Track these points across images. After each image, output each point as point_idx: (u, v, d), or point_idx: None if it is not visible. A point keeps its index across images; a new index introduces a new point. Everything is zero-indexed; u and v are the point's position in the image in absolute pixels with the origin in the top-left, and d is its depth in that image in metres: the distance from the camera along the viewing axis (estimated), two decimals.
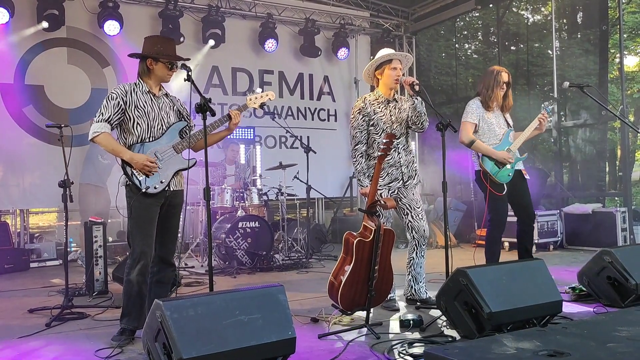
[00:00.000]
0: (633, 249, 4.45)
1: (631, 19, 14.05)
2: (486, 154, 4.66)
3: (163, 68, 3.64)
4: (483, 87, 4.79)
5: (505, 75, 4.76)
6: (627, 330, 2.76)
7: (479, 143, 4.68)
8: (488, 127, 4.74)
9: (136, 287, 3.52)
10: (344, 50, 9.67)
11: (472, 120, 4.73)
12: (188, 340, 2.55)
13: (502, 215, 4.72)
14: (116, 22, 7.65)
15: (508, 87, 4.80)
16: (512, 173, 4.70)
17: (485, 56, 14.96)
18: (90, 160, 7.04)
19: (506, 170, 4.67)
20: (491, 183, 4.63)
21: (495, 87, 4.72)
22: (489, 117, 4.75)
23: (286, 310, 2.91)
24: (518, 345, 2.53)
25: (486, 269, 3.53)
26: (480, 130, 4.74)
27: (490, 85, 4.74)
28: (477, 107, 4.76)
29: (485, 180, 4.66)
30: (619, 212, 7.30)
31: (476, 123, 4.72)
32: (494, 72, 4.78)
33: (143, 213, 3.56)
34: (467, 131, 4.71)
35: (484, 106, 4.76)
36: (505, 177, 4.67)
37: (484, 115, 4.74)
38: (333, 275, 3.86)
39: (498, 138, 4.74)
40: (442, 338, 3.46)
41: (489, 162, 4.66)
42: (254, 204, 7.14)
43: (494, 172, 4.64)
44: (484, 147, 4.68)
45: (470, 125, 4.73)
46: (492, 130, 4.74)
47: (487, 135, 4.73)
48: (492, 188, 4.61)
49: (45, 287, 5.68)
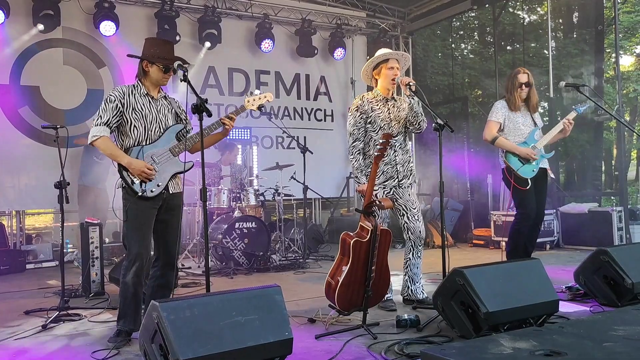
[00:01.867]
0: (629, 248, 4.46)
1: (627, 18, 14.10)
2: (510, 150, 4.84)
3: (158, 71, 3.63)
4: (506, 91, 5.00)
5: (523, 76, 4.91)
6: (623, 329, 2.77)
7: (501, 140, 4.87)
8: (514, 125, 4.92)
9: (132, 289, 3.51)
10: (341, 51, 9.67)
11: (496, 119, 4.93)
12: (185, 342, 2.55)
13: (530, 208, 4.84)
14: (112, 22, 7.63)
15: (529, 87, 4.92)
16: (536, 169, 4.85)
17: (481, 56, 15.00)
18: (87, 162, 7.03)
19: (530, 165, 4.82)
20: (515, 178, 4.79)
21: (514, 90, 4.91)
22: (515, 116, 4.93)
23: (283, 311, 2.91)
24: (515, 345, 2.53)
25: (483, 269, 3.53)
26: (506, 128, 4.93)
27: (509, 88, 4.94)
28: (502, 106, 4.96)
29: (510, 176, 4.82)
30: (615, 211, 7.32)
31: (500, 122, 4.92)
32: (512, 74, 4.99)
33: (139, 216, 3.55)
34: (490, 129, 4.92)
35: (509, 106, 4.92)
36: (530, 172, 4.82)
37: (509, 115, 4.93)
38: (330, 276, 3.86)
39: (523, 136, 4.91)
40: (439, 338, 3.46)
41: (513, 157, 4.84)
42: (251, 205, 7.13)
43: (517, 167, 4.80)
44: (507, 144, 4.86)
45: (494, 123, 4.93)
46: (518, 128, 4.91)
47: (513, 133, 4.91)
48: (516, 183, 4.77)
49: (42, 288, 5.66)
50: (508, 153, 4.85)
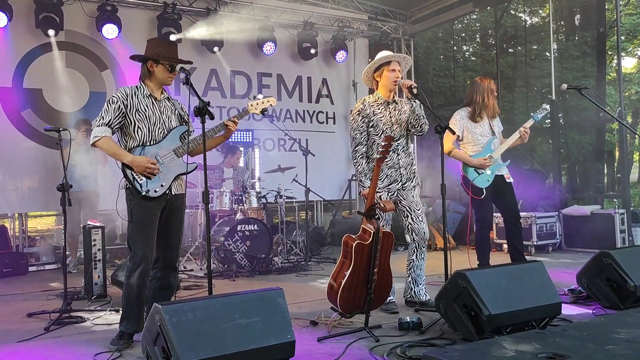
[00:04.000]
0: (632, 250, 4.46)
1: (629, 20, 14.10)
2: (464, 162, 5.04)
3: (163, 71, 3.64)
4: (478, 97, 5.07)
5: (493, 83, 5.14)
6: (626, 332, 2.77)
7: (456, 152, 5.07)
8: (472, 136, 5.08)
9: (136, 290, 3.51)
10: (342, 53, 9.68)
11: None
12: (187, 344, 2.55)
13: (486, 215, 5.13)
14: (114, 25, 7.65)
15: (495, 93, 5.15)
16: (491, 178, 5.03)
17: (483, 58, 15.00)
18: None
19: (485, 175, 5.00)
20: (472, 188, 4.99)
21: (490, 95, 5.05)
22: (474, 127, 5.08)
23: (285, 313, 2.91)
24: (517, 348, 2.53)
25: (485, 272, 3.53)
26: (465, 139, 5.11)
27: (486, 93, 5.05)
28: (460, 117, 5.11)
29: (466, 186, 5.04)
30: (618, 213, 7.30)
31: (458, 134, 5.01)
32: (484, 81, 5.11)
33: (144, 216, 3.55)
34: (447, 141, 4.98)
35: (472, 116, 5.08)
36: (484, 182, 5.01)
37: (468, 126, 5.09)
38: (332, 278, 3.86)
39: (481, 146, 5.06)
40: (441, 341, 3.45)
41: (469, 168, 5.04)
42: (253, 207, 7.13)
43: (473, 177, 5.01)
44: (461, 155, 5.06)
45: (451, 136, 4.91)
46: (476, 139, 5.08)
47: (471, 143, 5.09)
48: (472, 192, 4.98)
49: (44, 290, 5.67)
50: (465, 164, 5.03)
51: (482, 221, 5.13)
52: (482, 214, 5.10)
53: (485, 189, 4.99)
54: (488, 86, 5.08)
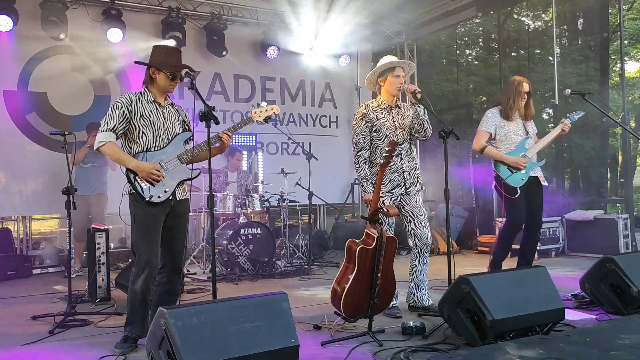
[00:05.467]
0: (636, 256, 4.45)
1: (632, 25, 14.10)
2: (498, 159, 4.88)
3: (165, 78, 3.66)
4: (504, 97, 4.98)
5: (526, 85, 4.96)
6: (629, 338, 2.77)
7: (489, 149, 4.92)
8: (505, 134, 4.94)
9: (140, 295, 3.52)
10: (346, 57, 9.70)
11: (486, 129, 4.97)
12: (192, 348, 2.56)
13: (518, 216, 4.87)
14: (119, 29, 7.68)
15: (529, 97, 4.99)
16: (525, 177, 4.86)
17: (486, 62, 15.02)
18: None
19: (519, 174, 4.84)
20: (505, 187, 4.82)
21: (517, 97, 4.93)
22: (507, 125, 4.95)
23: (289, 318, 2.92)
24: (521, 354, 2.54)
25: (489, 277, 3.53)
26: (498, 138, 4.96)
27: (512, 95, 4.93)
28: (492, 115, 4.98)
29: (499, 185, 4.87)
30: (621, 218, 7.30)
31: (491, 132, 4.95)
32: (515, 82, 4.99)
33: (148, 222, 3.57)
34: (478, 139, 4.97)
35: (503, 115, 4.95)
36: (518, 181, 4.84)
37: (500, 124, 4.95)
38: (336, 283, 3.87)
39: (514, 145, 4.92)
40: (444, 345, 3.46)
41: (502, 166, 4.88)
42: (256, 211, 7.15)
43: (506, 175, 4.84)
44: (495, 153, 4.91)
45: (484, 133, 4.97)
46: (509, 137, 4.93)
47: (504, 142, 4.94)
48: (506, 192, 4.81)
49: (48, 293, 5.69)
50: (497, 162, 4.89)
51: (513, 223, 4.88)
52: (514, 215, 4.85)
53: (519, 189, 4.80)
54: (516, 87, 4.92)
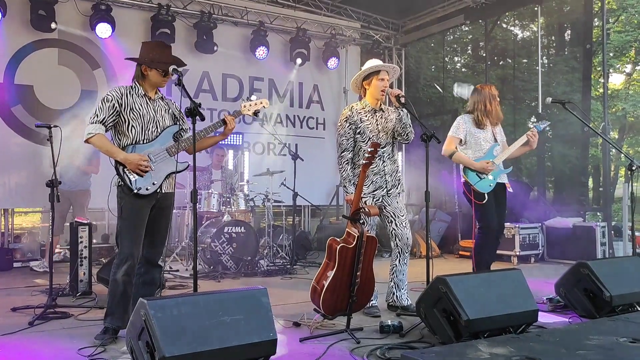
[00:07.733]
0: (609, 262, 4.57)
1: (617, 37, 14.32)
2: (466, 165, 4.94)
3: (157, 75, 3.71)
4: (480, 104, 5.01)
5: (494, 88, 5.07)
6: (597, 338, 2.86)
7: (458, 154, 4.96)
8: (475, 141, 4.99)
9: (121, 286, 3.56)
10: (334, 60, 9.77)
11: (457, 135, 5.01)
12: (171, 339, 2.60)
13: (490, 222, 4.90)
14: (108, 25, 7.69)
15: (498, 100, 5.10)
16: (493, 184, 4.93)
17: (474, 70, 15.20)
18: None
19: (487, 180, 4.91)
20: (473, 193, 4.87)
21: (492, 101, 5.00)
22: (478, 132, 5.00)
23: (268, 312, 2.97)
24: (492, 351, 2.61)
25: (465, 277, 3.60)
26: (467, 144, 5.01)
27: (488, 99, 4.99)
28: (464, 122, 5.03)
29: (468, 190, 4.93)
30: (599, 226, 7.44)
31: (461, 138, 4.99)
32: (486, 88, 5.08)
33: (134, 214, 3.61)
34: (448, 144, 5.00)
35: (475, 122, 5.00)
36: (486, 186, 4.90)
37: (471, 130, 5.00)
38: (315, 280, 3.92)
39: (483, 151, 4.98)
40: (420, 344, 3.52)
41: (470, 172, 4.93)
42: (241, 210, 7.18)
43: (475, 181, 4.90)
44: (463, 158, 4.96)
45: (454, 139, 5.01)
46: (479, 144, 4.99)
47: (474, 149, 4.99)
48: (475, 197, 4.86)
49: (29, 286, 5.67)
50: (466, 168, 4.94)
51: (486, 228, 4.89)
52: (486, 220, 4.88)
53: (487, 194, 4.86)
54: (490, 92, 5.00)
